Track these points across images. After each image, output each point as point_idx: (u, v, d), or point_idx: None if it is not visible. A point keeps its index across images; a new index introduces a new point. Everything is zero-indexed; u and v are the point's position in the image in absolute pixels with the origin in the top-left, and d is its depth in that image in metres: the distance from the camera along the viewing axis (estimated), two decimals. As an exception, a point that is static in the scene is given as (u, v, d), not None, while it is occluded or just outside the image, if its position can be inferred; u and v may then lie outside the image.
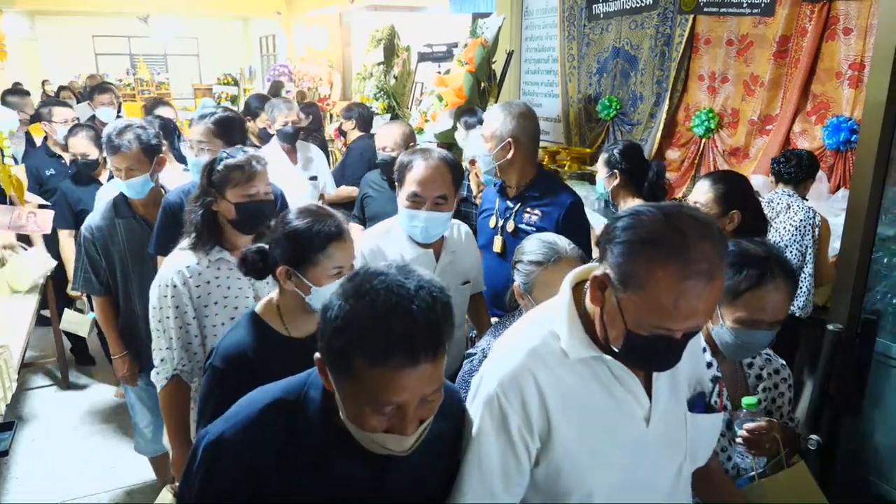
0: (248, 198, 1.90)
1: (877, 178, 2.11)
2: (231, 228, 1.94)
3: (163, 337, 1.94)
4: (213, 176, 1.90)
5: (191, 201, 1.95)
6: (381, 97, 6.55)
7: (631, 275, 1.03)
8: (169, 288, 1.89)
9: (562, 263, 1.65)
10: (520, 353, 1.16)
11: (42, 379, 4.10)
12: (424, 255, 2.06)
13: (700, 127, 4.15)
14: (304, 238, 1.46)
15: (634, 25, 4.55)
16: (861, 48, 3.25)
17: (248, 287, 1.98)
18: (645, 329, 1.04)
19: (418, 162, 1.96)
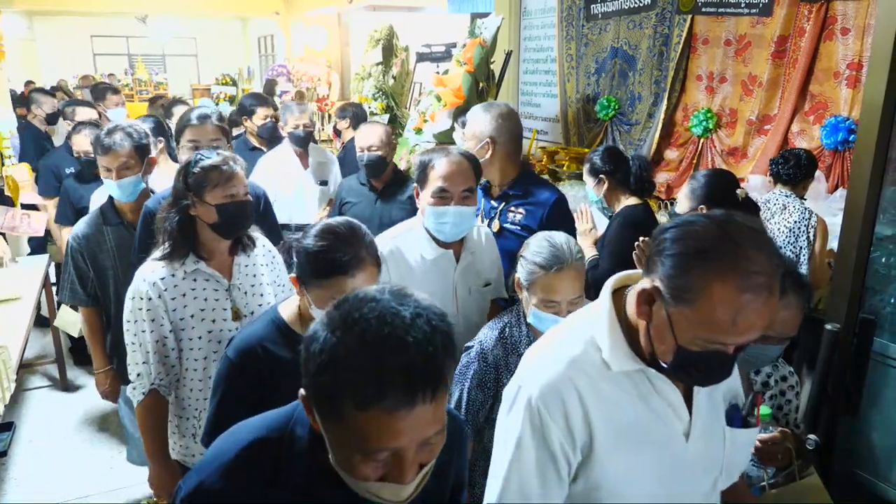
0: (229, 198, 1.81)
1: (874, 177, 2.11)
2: (209, 234, 1.85)
3: (139, 351, 1.87)
4: (190, 178, 1.80)
5: (164, 208, 1.85)
6: (379, 97, 6.55)
7: (684, 289, 0.98)
8: (144, 301, 1.82)
9: (564, 271, 1.66)
10: (560, 362, 1.12)
11: (40, 380, 4.10)
12: (445, 256, 2.03)
13: (698, 127, 4.15)
14: (313, 260, 1.42)
15: (633, 25, 4.55)
16: (859, 48, 3.25)
17: (226, 299, 1.91)
18: (698, 344, 1.00)
19: (440, 159, 1.95)
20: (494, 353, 1.78)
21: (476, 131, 2.40)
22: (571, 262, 1.68)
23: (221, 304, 1.90)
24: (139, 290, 1.83)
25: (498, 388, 1.74)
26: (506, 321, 1.83)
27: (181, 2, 13.36)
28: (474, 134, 2.40)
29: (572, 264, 1.68)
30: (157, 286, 1.82)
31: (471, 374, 1.78)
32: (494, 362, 1.77)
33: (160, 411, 1.92)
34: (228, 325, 1.91)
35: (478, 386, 1.77)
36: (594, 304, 1.19)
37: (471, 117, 2.46)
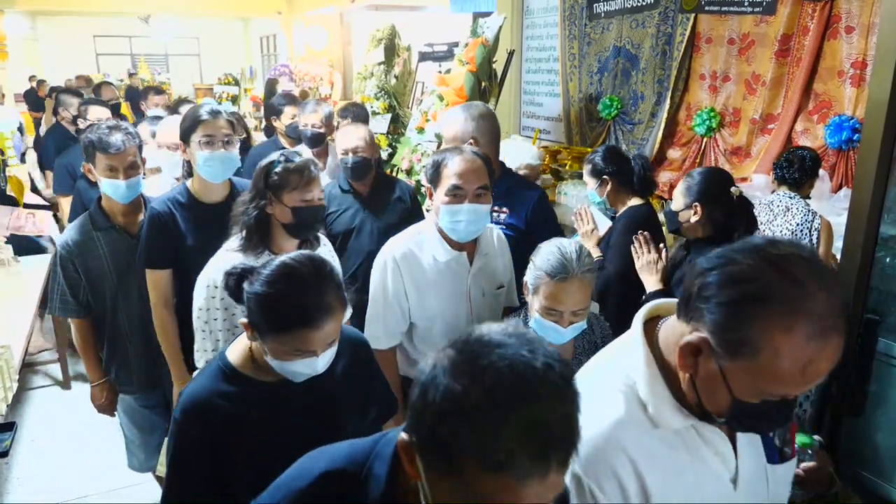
0: (305, 203, 1.87)
1: (879, 177, 2.10)
2: (281, 232, 1.91)
3: (209, 339, 1.88)
4: (271, 178, 1.86)
5: (242, 202, 1.91)
6: (381, 97, 6.53)
7: (742, 342, 0.87)
8: (219, 289, 1.80)
9: (569, 281, 1.64)
10: (604, 424, 1.00)
11: (43, 379, 4.10)
12: (458, 258, 2.01)
13: (701, 126, 4.14)
14: (267, 310, 1.25)
15: (635, 24, 4.54)
16: (863, 46, 3.24)
17: None
18: (758, 396, 0.90)
19: (454, 157, 1.93)
20: None
21: (457, 132, 2.40)
22: (578, 272, 1.64)
23: None
24: (213, 279, 1.83)
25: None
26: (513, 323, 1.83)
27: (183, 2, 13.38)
28: (455, 136, 2.39)
29: (578, 274, 1.64)
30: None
31: None
32: None
33: None
34: None
35: None
36: (625, 340, 1.08)
37: (450, 120, 2.45)
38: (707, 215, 2.14)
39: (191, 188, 2.32)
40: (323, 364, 1.32)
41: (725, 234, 2.10)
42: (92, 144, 2.26)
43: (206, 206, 2.30)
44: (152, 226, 2.23)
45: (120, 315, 2.38)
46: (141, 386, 2.46)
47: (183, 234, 2.24)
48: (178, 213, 2.25)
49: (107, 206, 2.37)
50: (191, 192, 2.31)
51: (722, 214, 2.13)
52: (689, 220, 2.17)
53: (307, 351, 1.28)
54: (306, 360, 1.29)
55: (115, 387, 2.47)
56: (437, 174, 1.95)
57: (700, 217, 2.14)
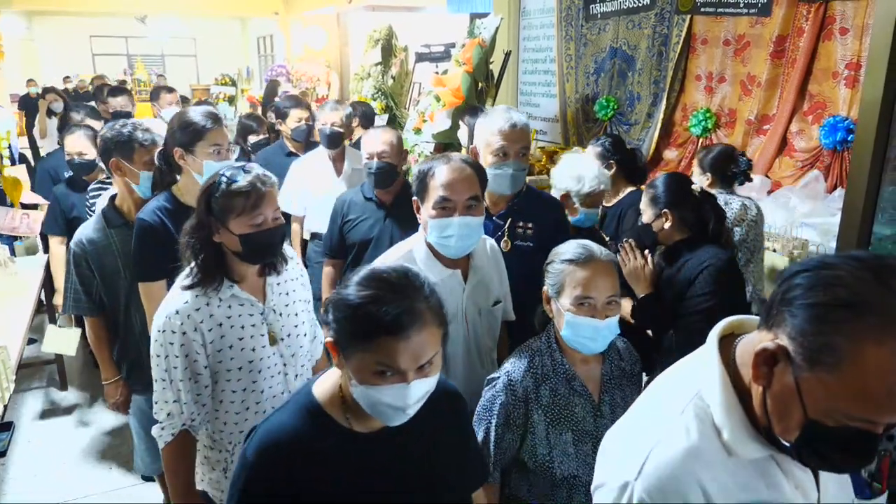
0: (255, 227, 1.65)
1: (873, 177, 2.12)
2: (236, 259, 1.71)
3: (169, 388, 1.69)
4: (213, 204, 1.64)
5: (186, 231, 1.70)
6: (378, 97, 6.55)
7: (824, 348, 0.78)
8: (177, 335, 1.64)
9: (595, 262, 1.55)
10: (675, 451, 0.92)
11: (40, 380, 4.09)
12: (452, 277, 1.84)
13: (697, 127, 4.16)
14: (353, 315, 1.11)
15: (632, 25, 4.56)
16: (857, 48, 3.26)
17: (262, 323, 1.76)
18: (835, 419, 0.80)
19: (440, 166, 1.78)
20: (524, 385, 1.59)
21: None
22: (601, 255, 1.57)
23: (258, 329, 1.75)
24: (171, 324, 1.64)
25: (527, 424, 1.60)
26: (535, 348, 1.66)
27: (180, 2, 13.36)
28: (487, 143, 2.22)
29: (602, 257, 1.57)
30: (192, 318, 1.65)
31: (497, 409, 1.60)
32: (524, 395, 1.59)
33: (189, 453, 1.76)
34: (267, 352, 1.77)
35: (505, 423, 1.59)
36: (698, 357, 1.00)
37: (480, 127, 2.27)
38: (678, 218, 2.17)
39: (176, 193, 2.24)
40: (416, 396, 1.12)
41: (700, 229, 2.16)
42: (130, 139, 2.32)
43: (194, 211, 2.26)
44: (143, 237, 2.15)
45: (133, 313, 2.37)
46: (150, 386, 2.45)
47: (175, 242, 2.14)
48: (168, 221, 2.17)
49: (120, 205, 2.38)
50: (176, 197, 2.23)
51: (691, 213, 2.17)
52: (663, 228, 2.19)
53: (395, 370, 1.09)
54: (396, 387, 1.10)
55: (128, 385, 2.47)
56: (424, 185, 1.80)
57: (672, 222, 2.17)
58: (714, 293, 2.02)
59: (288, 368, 1.83)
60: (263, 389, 1.77)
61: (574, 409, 1.58)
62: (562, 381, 1.60)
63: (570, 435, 1.58)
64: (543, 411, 1.58)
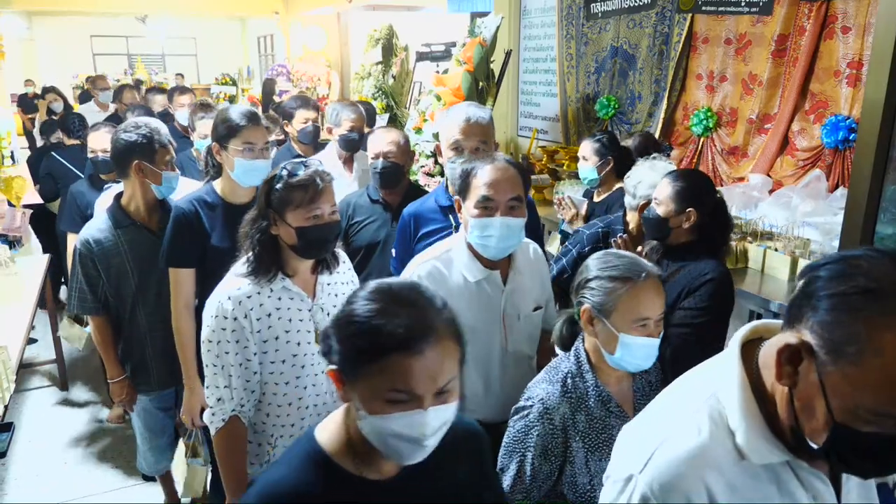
0: (312, 221, 1.68)
1: (875, 176, 2.11)
2: (291, 253, 1.74)
3: (220, 374, 1.70)
4: (273, 195, 1.68)
5: (247, 221, 1.75)
6: (379, 97, 6.54)
7: (846, 340, 0.75)
8: (229, 321, 1.67)
9: (650, 280, 1.45)
10: (684, 450, 0.89)
11: (40, 380, 4.09)
12: (491, 278, 1.81)
13: (698, 126, 4.15)
14: (358, 332, 0.99)
15: (633, 24, 4.55)
16: (859, 47, 3.25)
17: (309, 320, 1.78)
18: (863, 419, 0.76)
19: (484, 165, 1.74)
20: (561, 413, 1.48)
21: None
22: (652, 270, 1.47)
23: (305, 325, 1.78)
24: (223, 309, 1.68)
25: (566, 455, 1.49)
26: (565, 371, 1.53)
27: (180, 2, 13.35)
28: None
29: (654, 272, 1.47)
30: (243, 305, 1.68)
31: (533, 441, 1.48)
32: (562, 423, 1.48)
33: (241, 439, 1.75)
34: (312, 349, 1.79)
35: (542, 454, 1.48)
36: (718, 361, 0.97)
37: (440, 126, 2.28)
38: (699, 220, 2.04)
39: (217, 188, 2.30)
40: (434, 425, 0.98)
41: (712, 239, 2.07)
42: (151, 140, 2.34)
43: (232, 207, 2.25)
44: (177, 224, 2.21)
45: (139, 313, 2.39)
46: (158, 383, 2.47)
47: (208, 234, 2.22)
48: (204, 213, 2.23)
49: (127, 205, 2.39)
50: (217, 192, 2.29)
51: (710, 218, 2.06)
52: (682, 226, 2.06)
53: (409, 393, 0.96)
54: (411, 415, 0.96)
55: (133, 384, 2.48)
56: (466, 184, 1.76)
57: (692, 223, 2.04)
58: (709, 309, 1.95)
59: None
60: (307, 386, 1.79)
61: (612, 433, 1.48)
62: (597, 405, 1.50)
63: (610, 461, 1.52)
64: (581, 438, 1.49)
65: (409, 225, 2.27)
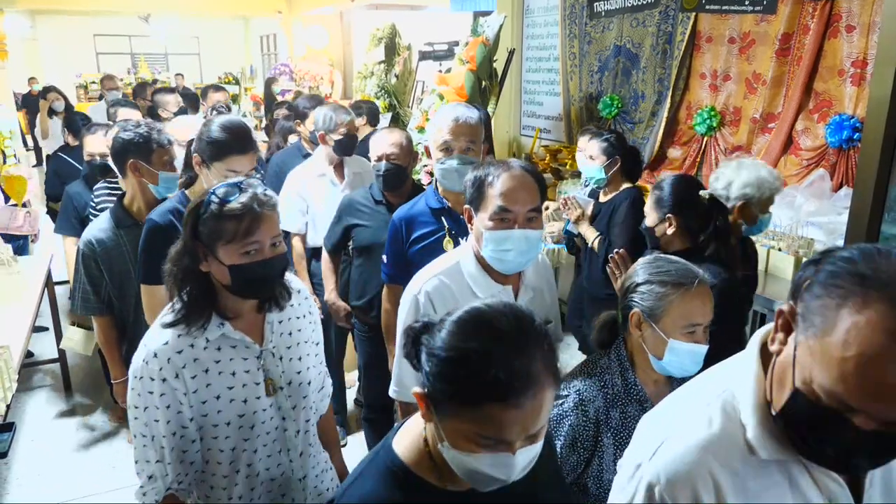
0: (248, 257, 1.39)
1: (880, 175, 2.10)
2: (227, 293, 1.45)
3: (150, 446, 1.42)
4: (200, 227, 1.38)
5: (171, 257, 1.45)
6: (382, 96, 6.54)
7: (817, 311, 0.77)
8: (156, 383, 1.39)
9: (702, 286, 1.43)
10: (693, 441, 0.90)
11: (42, 379, 4.09)
12: (502, 293, 1.70)
13: (702, 125, 4.13)
14: (447, 372, 0.91)
15: (636, 23, 4.53)
16: (864, 45, 3.23)
17: (257, 369, 1.49)
18: (813, 392, 0.78)
19: (500, 173, 1.61)
20: (595, 406, 1.47)
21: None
22: (704, 278, 1.45)
23: (253, 376, 1.49)
24: (148, 369, 1.40)
25: (595, 448, 1.48)
26: (603, 367, 1.53)
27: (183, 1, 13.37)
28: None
29: (705, 280, 1.45)
30: (172, 363, 1.40)
31: (565, 430, 1.47)
32: (595, 416, 1.47)
33: None
34: (262, 404, 1.50)
35: (571, 444, 1.47)
36: (737, 359, 0.98)
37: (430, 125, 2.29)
38: (682, 225, 2.05)
39: (191, 196, 2.16)
40: (521, 467, 0.93)
41: (703, 241, 2.04)
42: (148, 140, 2.30)
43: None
44: (151, 238, 2.06)
45: (143, 313, 2.33)
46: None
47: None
48: (180, 224, 2.08)
49: (129, 205, 2.37)
50: (191, 200, 2.12)
51: (696, 222, 2.05)
52: (665, 234, 2.08)
53: (499, 441, 0.90)
54: (498, 457, 0.91)
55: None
56: (480, 193, 1.63)
57: (675, 228, 2.06)
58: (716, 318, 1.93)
59: (287, 423, 1.56)
60: (257, 448, 1.51)
61: None
62: (633, 403, 1.48)
63: None
64: (613, 435, 1.47)
65: (401, 230, 2.20)
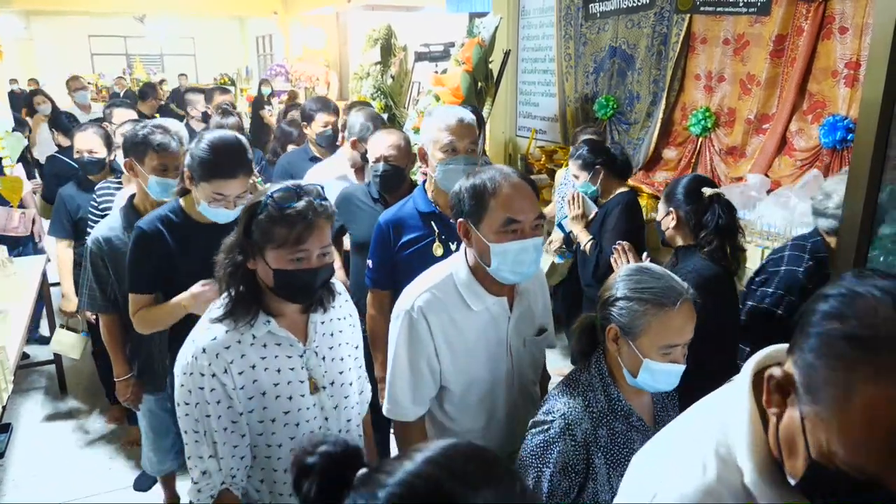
0: (294, 264, 1.39)
1: (873, 176, 2.11)
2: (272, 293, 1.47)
3: (203, 441, 1.43)
4: (253, 227, 1.40)
5: (224, 249, 1.48)
6: (378, 97, 6.53)
7: (823, 383, 0.72)
8: (206, 378, 1.40)
9: (686, 305, 1.36)
10: (689, 489, 0.84)
11: (38, 380, 4.09)
12: (497, 305, 1.65)
13: (697, 126, 4.15)
14: None
15: (631, 25, 4.55)
16: (857, 47, 3.25)
17: (301, 367, 1.51)
18: (836, 463, 0.72)
19: (501, 182, 1.55)
20: (583, 428, 1.40)
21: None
22: (687, 294, 1.38)
23: (297, 374, 1.50)
24: (199, 365, 1.40)
25: (588, 471, 1.41)
26: (585, 384, 1.47)
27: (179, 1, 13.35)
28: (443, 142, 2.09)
29: (688, 296, 1.38)
30: (221, 357, 1.41)
31: (554, 457, 1.39)
32: (584, 439, 1.40)
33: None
34: (308, 402, 1.52)
35: (562, 471, 1.40)
36: (728, 392, 0.91)
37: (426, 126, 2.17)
38: (682, 220, 2.14)
39: (185, 206, 2.09)
40: None
41: (704, 238, 2.09)
42: (144, 141, 2.29)
43: (200, 226, 2.05)
44: (137, 246, 2.04)
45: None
46: (164, 384, 2.44)
47: (173, 256, 2.05)
48: (168, 233, 2.05)
49: (139, 205, 2.38)
50: (185, 210, 2.09)
51: (695, 217, 2.11)
52: (669, 228, 2.18)
53: None
54: None
55: (140, 383, 2.46)
56: (481, 204, 1.55)
57: (676, 223, 2.15)
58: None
59: (330, 422, 1.58)
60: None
61: (634, 447, 1.42)
62: (619, 419, 1.44)
63: None
64: (604, 454, 1.42)
65: (388, 233, 2.16)
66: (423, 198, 2.17)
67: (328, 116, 3.58)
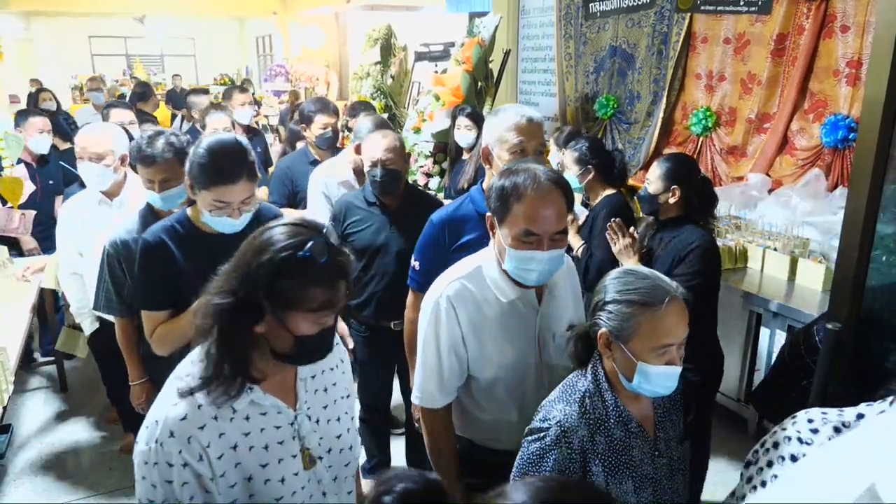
0: (320, 326, 1.16)
1: (875, 175, 2.10)
2: (267, 355, 1.18)
3: None
4: (274, 284, 1.10)
5: (205, 300, 1.18)
6: (378, 97, 6.53)
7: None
8: (176, 469, 1.11)
9: (675, 303, 1.35)
10: None
11: (39, 381, 4.08)
12: (525, 297, 1.66)
13: (698, 125, 4.15)
14: None
15: (631, 24, 4.55)
16: (858, 45, 3.25)
17: (292, 437, 1.24)
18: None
19: (528, 188, 1.51)
20: (579, 435, 1.38)
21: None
22: (676, 292, 1.36)
23: (288, 448, 1.23)
24: (165, 453, 1.11)
25: (585, 479, 1.38)
26: (582, 390, 1.43)
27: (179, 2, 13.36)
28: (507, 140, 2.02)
29: (677, 294, 1.36)
30: (195, 441, 1.12)
31: (550, 465, 1.37)
32: (580, 446, 1.37)
33: None
34: (300, 481, 1.24)
35: None
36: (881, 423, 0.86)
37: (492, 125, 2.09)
38: (683, 196, 2.38)
39: (192, 216, 1.97)
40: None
41: (699, 212, 2.39)
42: (138, 151, 2.25)
43: (210, 237, 1.93)
44: (142, 260, 1.95)
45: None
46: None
47: (179, 269, 1.93)
48: (173, 244, 1.94)
49: (156, 209, 2.34)
50: (191, 220, 1.97)
51: (695, 196, 2.39)
52: (668, 202, 2.40)
53: None
54: None
55: (154, 387, 2.41)
56: (506, 207, 1.55)
57: (677, 199, 2.38)
58: (701, 272, 2.25)
59: (329, 497, 1.32)
60: None
61: (632, 454, 1.40)
62: (617, 425, 1.41)
63: (630, 483, 1.41)
64: (601, 461, 1.40)
65: (443, 234, 2.05)
66: (483, 199, 2.03)
67: (328, 118, 3.51)
